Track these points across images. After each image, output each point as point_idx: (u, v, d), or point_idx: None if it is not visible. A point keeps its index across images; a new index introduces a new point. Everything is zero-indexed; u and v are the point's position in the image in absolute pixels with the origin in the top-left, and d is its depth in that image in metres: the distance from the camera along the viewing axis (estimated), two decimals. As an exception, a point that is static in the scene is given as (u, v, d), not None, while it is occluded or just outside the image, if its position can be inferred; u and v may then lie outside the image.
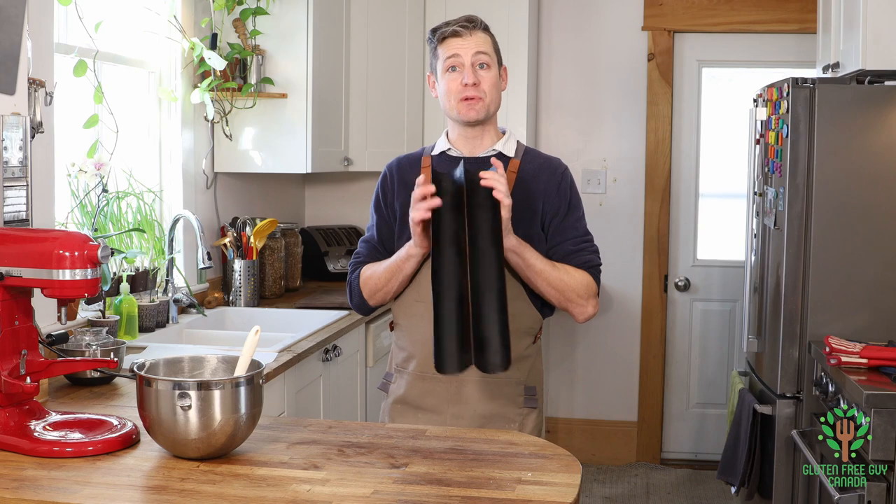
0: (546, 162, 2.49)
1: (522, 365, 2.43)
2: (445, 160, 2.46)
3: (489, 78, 2.41)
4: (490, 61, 2.43)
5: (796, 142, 3.43)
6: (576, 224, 2.44)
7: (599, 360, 5.18)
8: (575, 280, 2.37)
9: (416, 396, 2.46)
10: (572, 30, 5.09)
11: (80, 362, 2.45)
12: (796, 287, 3.47)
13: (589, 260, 2.42)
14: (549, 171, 2.45)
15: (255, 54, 3.96)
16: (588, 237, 2.47)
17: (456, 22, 2.45)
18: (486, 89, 2.40)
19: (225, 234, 4.04)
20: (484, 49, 2.43)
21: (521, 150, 2.49)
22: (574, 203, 2.46)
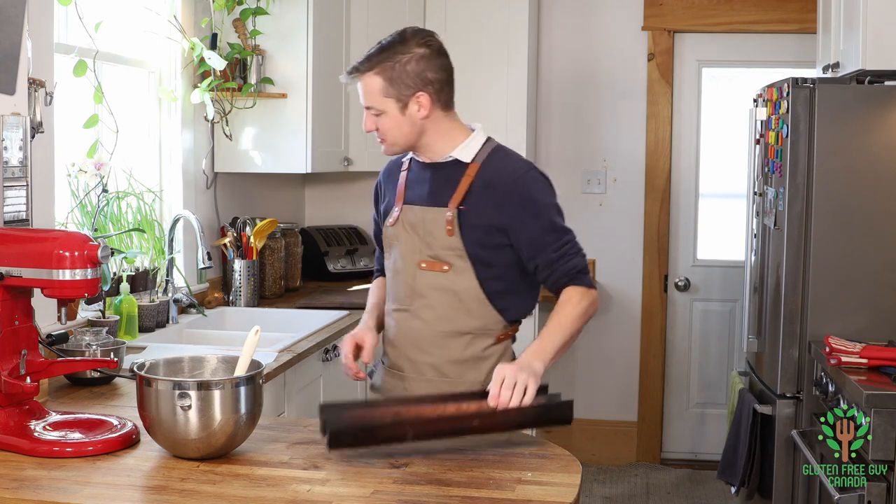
0: (503, 168, 2.40)
1: (481, 366, 2.42)
2: (417, 164, 2.49)
3: (385, 124, 2.37)
4: (380, 108, 2.36)
5: (796, 142, 3.43)
6: (549, 229, 2.39)
7: (599, 360, 5.18)
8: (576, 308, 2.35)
9: (387, 389, 2.52)
10: (572, 30, 5.09)
11: (80, 362, 2.45)
12: (796, 287, 3.47)
13: (573, 266, 2.38)
14: (506, 180, 2.38)
15: (255, 54, 3.96)
16: (566, 237, 2.41)
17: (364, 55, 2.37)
18: (383, 134, 2.39)
19: (225, 234, 4.04)
20: (368, 103, 2.37)
21: (486, 152, 2.43)
22: (539, 208, 2.39)
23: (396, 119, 2.36)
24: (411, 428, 1.97)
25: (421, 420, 1.99)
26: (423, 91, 2.34)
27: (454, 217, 2.35)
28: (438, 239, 2.37)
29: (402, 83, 2.33)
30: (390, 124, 2.37)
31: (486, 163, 2.41)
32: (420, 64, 2.33)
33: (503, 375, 2.13)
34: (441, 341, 2.40)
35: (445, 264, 2.38)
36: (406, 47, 2.33)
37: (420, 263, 2.40)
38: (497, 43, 4.78)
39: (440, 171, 2.42)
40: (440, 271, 2.38)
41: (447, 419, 1.99)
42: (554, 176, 5.40)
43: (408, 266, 2.42)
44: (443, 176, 2.41)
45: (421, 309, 2.41)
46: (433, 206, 2.39)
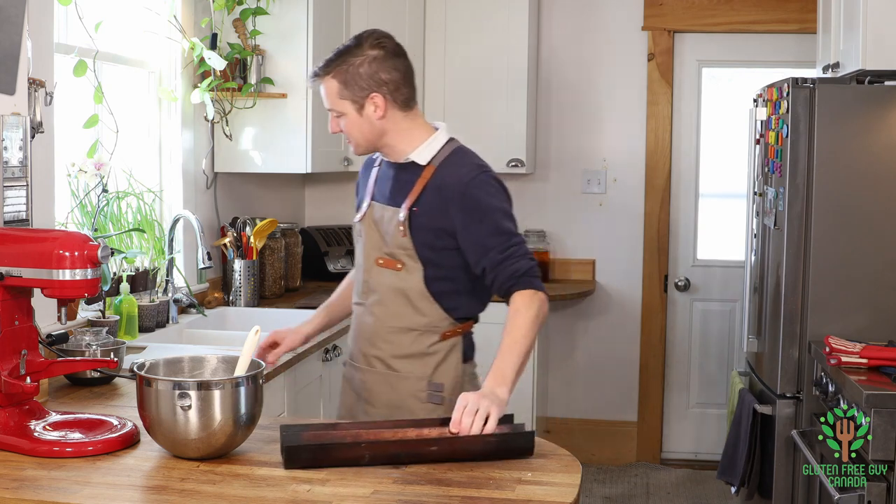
0: (455, 172, 2.42)
1: (428, 360, 2.47)
2: (385, 163, 2.56)
3: (348, 126, 2.45)
4: (340, 111, 2.43)
5: (796, 142, 3.43)
6: (494, 232, 2.40)
7: (599, 360, 5.18)
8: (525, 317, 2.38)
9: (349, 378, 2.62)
10: (572, 30, 5.09)
11: (80, 362, 2.45)
12: (796, 287, 3.46)
13: (517, 269, 2.39)
14: (454, 184, 2.41)
15: (255, 54, 3.96)
16: (512, 240, 2.42)
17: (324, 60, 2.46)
18: (347, 135, 2.48)
19: (225, 234, 4.04)
20: (329, 104, 2.45)
21: (443, 155, 2.45)
22: (485, 212, 2.40)
23: (356, 120, 2.44)
24: (368, 450, 1.97)
25: (379, 443, 1.99)
26: (377, 92, 2.41)
27: (405, 218, 2.42)
28: (393, 238, 2.44)
29: (356, 85, 2.40)
30: (350, 126, 2.45)
31: (441, 165, 2.45)
32: (373, 66, 2.40)
33: (466, 402, 2.14)
34: (389, 336, 2.47)
35: (399, 262, 2.44)
36: (360, 50, 2.41)
37: (378, 260, 2.47)
38: (497, 43, 4.78)
39: (401, 172, 2.49)
40: (394, 269, 2.45)
41: (406, 444, 2.00)
42: (554, 176, 5.43)
43: (367, 262, 2.51)
44: (403, 176, 2.48)
45: (373, 305, 2.49)
46: (391, 206, 2.47)
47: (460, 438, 2.03)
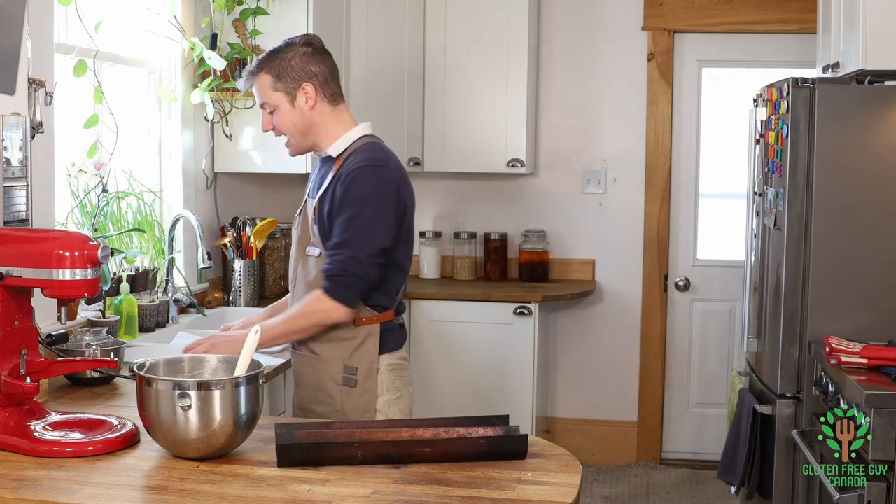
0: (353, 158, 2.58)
1: (345, 346, 2.61)
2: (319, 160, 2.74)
3: (280, 120, 2.61)
4: (274, 104, 2.60)
5: (796, 142, 3.43)
6: (338, 227, 2.55)
7: (599, 360, 5.18)
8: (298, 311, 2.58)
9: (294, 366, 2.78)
10: (572, 30, 5.09)
11: (80, 362, 2.45)
12: (796, 287, 3.46)
13: (324, 271, 2.54)
14: (346, 170, 2.56)
15: (256, 54, 3.95)
16: (343, 245, 2.52)
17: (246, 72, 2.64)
18: (284, 130, 2.63)
19: (225, 234, 4.04)
20: (264, 99, 2.60)
21: (353, 147, 2.61)
22: (346, 203, 2.52)
23: (288, 112, 2.59)
24: (361, 450, 1.97)
25: (372, 442, 2.00)
26: (308, 82, 2.59)
27: (315, 207, 2.61)
28: (311, 228, 2.63)
29: (289, 76, 2.58)
30: (283, 118, 2.59)
31: (347, 158, 2.59)
32: (303, 59, 2.59)
33: (206, 341, 2.54)
34: None
35: (318, 249, 2.61)
36: (290, 48, 2.60)
37: (306, 249, 2.64)
38: (497, 43, 4.78)
39: (322, 166, 2.69)
40: (314, 256, 2.61)
41: (398, 444, 2.00)
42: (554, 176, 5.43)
43: (296, 252, 2.69)
44: (322, 171, 2.67)
45: (296, 291, 2.68)
46: (310, 198, 2.67)
47: (453, 440, 2.04)
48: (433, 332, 4.62)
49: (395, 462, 1.97)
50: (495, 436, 2.07)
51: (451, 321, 4.64)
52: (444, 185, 5.16)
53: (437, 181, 5.11)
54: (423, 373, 4.53)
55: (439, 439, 2.04)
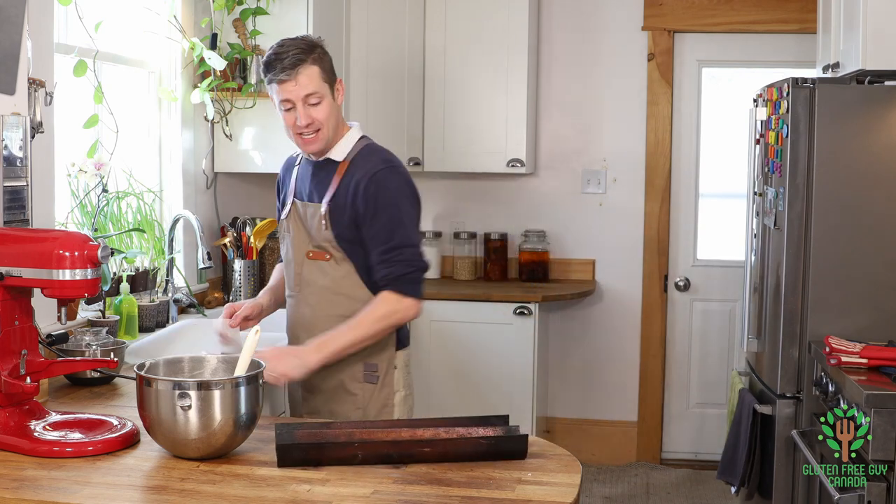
0: (365, 162, 2.59)
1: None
2: (304, 161, 2.72)
3: (321, 112, 2.57)
4: (320, 96, 2.56)
5: (796, 142, 3.43)
6: (382, 230, 2.54)
7: (599, 360, 5.18)
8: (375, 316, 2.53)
9: None
10: (572, 30, 5.09)
11: (80, 362, 2.46)
12: (796, 287, 3.46)
13: (387, 274, 2.53)
14: (362, 175, 2.56)
15: (255, 54, 3.96)
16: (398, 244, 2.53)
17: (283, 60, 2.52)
18: (321, 122, 2.57)
19: (225, 234, 4.04)
20: (311, 89, 2.54)
21: (356, 150, 2.62)
22: (381, 208, 2.54)
23: (330, 105, 2.58)
24: (360, 449, 1.98)
25: (372, 442, 2.00)
26: (339, 78, 2.64)
27: (326, 212, 2.58)
28: (318, 232, 2.61)
29: (330, 70, 2.60)
30: (326, 112, 2.57)
31: (353, 161, 2.60)
32: (329, 57, 2.62)
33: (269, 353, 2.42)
34: (325, 325, 2.58)
35: (327, 254, 2.61)
36: (317, 44, 2.60)
37: (308, 253, 2.64)
38: (497, 43, 4.78)
39: (318, 169, 2.66)
40: (323, 260, 2.61)
41: (398, 444, 2.00)
42: (554, 176, 5.42)
43: (297, 256, 2.67)
44: (320, 174, 2.64)
45: (308, 296, 2.65)
46: (311, 202, 2.64)
47: (453, 440, 2.04)
48: (433, 332, 4.62)
49: (395, 462, 1.97)
50: (495, 436, 2.07)
51: (451, 321, 4.64)
52: (444, 185, 5.16)
53: (437, 181, 5.11)
54: (423, 373, 4.52)
55: (439, 439, 2.04)
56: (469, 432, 2.08)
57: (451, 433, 2.07)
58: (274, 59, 2.54)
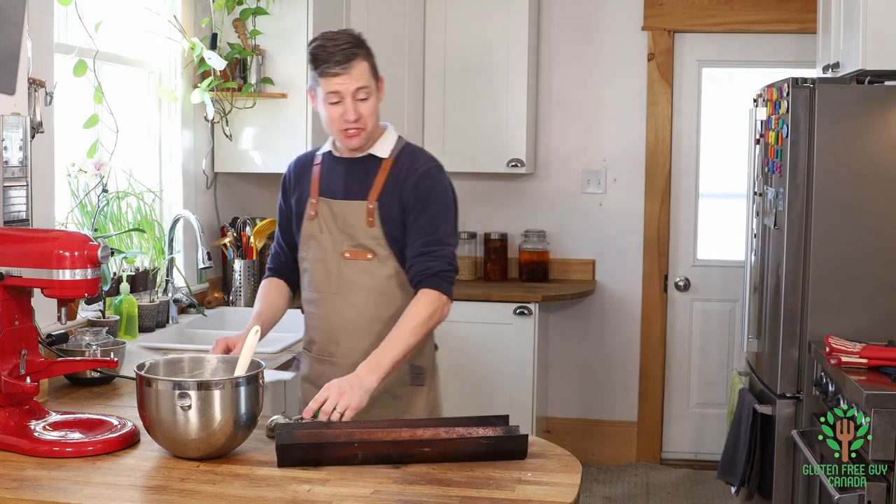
0: (412, 162, 2.57)
1: None
2: (331, 159, 2.64)
3: (368, 108, 2.52)
4: (369, 91, 2.51)
5: (796, 142, 3.43)
6: (428, 224, 2.51)
7: (599, 360, 5.18)
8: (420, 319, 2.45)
9: (316, 376, 2.61)
10: (572, 30, 5.09)
11: (80, 362, 2.46)
12: (796, 287, 3.46)
13: (429, 268, 2.48)
14: (410, 171, 2.55)
15: (255, 54, 3.96)
16: (441, 239, 2.51)
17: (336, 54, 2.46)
18: (366, 119, 2.52)
19: (225, 234, 4.04)
20: (362, 84, 2.49)
21: (398, 148, 2.59)
22: (430, 201, 2.53)
23: (375, 101, 2.54)
24: (360, 449, 1.97)
25: (372, 442, 1.99)
26: (382, 76, 2.58)
27: (374, 209, 2.52)
28: (360, 230, 2.53)
29: (376, 67, 2.55)
30: (372, 108, 2.53)
31: (398, 158, 2.57)
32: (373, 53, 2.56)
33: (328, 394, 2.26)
34: (370, 326, 2.54)
35: (369, 252, 2.53)
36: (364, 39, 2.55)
37: (344, 253, 2.55)
38: (497, 43, 4.78)
39: (356, 166, 2.58)
40: (364, 259, 2.54)
41: (398, 444, 2.00)
42: (554, 176, 5.42)
43: (332, 255, 2.57)
44: (358, 170, 2.58)
45: (350, 295, 2.56)
46: (352, 200, 2.55)
47: (453, 440, 2.04)
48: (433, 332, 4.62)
49: (395, 462, 1.97)
50: (495, 436, 2.07)
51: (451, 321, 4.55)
52: (444, 185, 5.15)
53: (437, 181, 5.10)
54: (423, 373, 4.52)
55: (439, 439, 2.04)
56: (469, 432, 2.08)
57: (451, 433, 2.07)
58: (324, 52, 2.47)
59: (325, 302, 2.60)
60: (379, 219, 2.52)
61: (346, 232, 2.54)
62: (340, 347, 2.58)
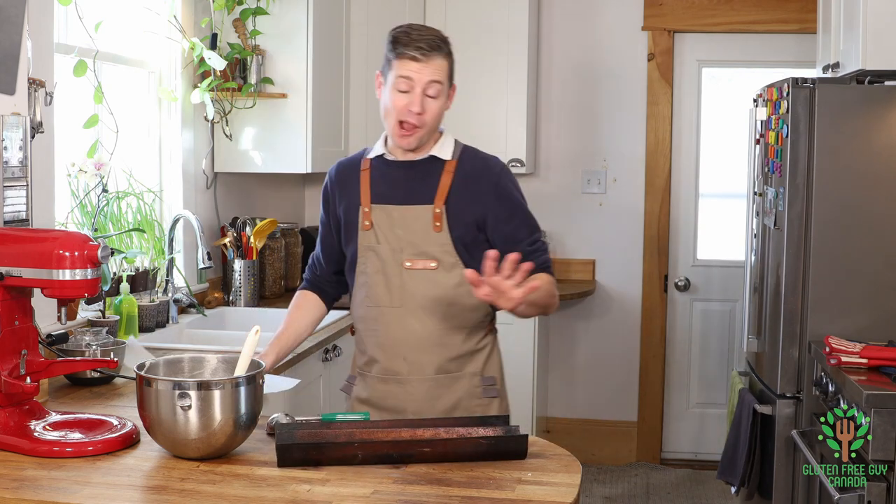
0: (483, 162, 2.48)
1: (477, 357, 2.49)
2: (383, 163, 2.49)
3: (435, 108, 2.39)
4: (440, 90, 2.38)
5: (796, 142, 3.43)
6: (523, 225, 2.47)
7: (599, 360, 5.18)
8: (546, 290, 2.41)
9: (379, 398, 2.49)
10: (572, 30, 5.09)
11: (80, 362, 2.45)
12: (796, 287, 3.46)
13: (545, 261, 2.46)
14: (486, 173, 2.45)
15: (255, 54, 3.96)
16: (537, 234, 2.50)
17: (419, 41, 2.35)
18: (427, 119, 2.39)
19: (225, 234, 4.04)
20: (438, 78, 2.37)
21: (459, 150, 2.48)
22: (516, 203, 2.48)
23: (442, 104, 2.41)
24: (360, 450, 1.97)
25: (372, 442, 1.99)
26: (454, 85, 2.45)
27: (442, 213, 2.39)
28: (424, 236, 2.40)
29: (453, 73, 2.43)
30: (438, 110, 2.40)
31: (461, 160, 2.46)
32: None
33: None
34: (440, 338, 2.43)
35: (433, 261, 2.40)
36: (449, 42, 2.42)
37: (404, 262, 2.41)
38: (497, 43, 4.78)
39: (416, 170, 2.45)
40: (428, 269, 2.40)
41: (398, 444, 2.00)
42: (554, 176, 5.43)
43: (392, 266, 2.42)
44: (419, 174, 2.45)
45: (416, 309, 2.42)
46: (414, 205, 2.42)
47: (453, 440, 2.04)
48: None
49: (395, 462, 1.97)
50: (495, 436, 2.07)
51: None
52: (444, 185, 5.15)
53: (437, 181, 5.11)
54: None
55: (439, 439, 2.04)
56: (469, 432, 2.08)
57: (451, 433, 2.07)
58: (408, 36, 2.35)
59: (386, 317, 2.44)
60: (447, 223, 2.40)
61: (407, 239, 2.40)
62: (408, 364, 2.44)
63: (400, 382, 2.46)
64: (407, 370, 2.45)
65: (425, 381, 2.45)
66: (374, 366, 2.50)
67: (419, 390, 2.45)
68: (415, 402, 2.45)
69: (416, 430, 2.09)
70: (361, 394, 2.54)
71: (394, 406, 2.47)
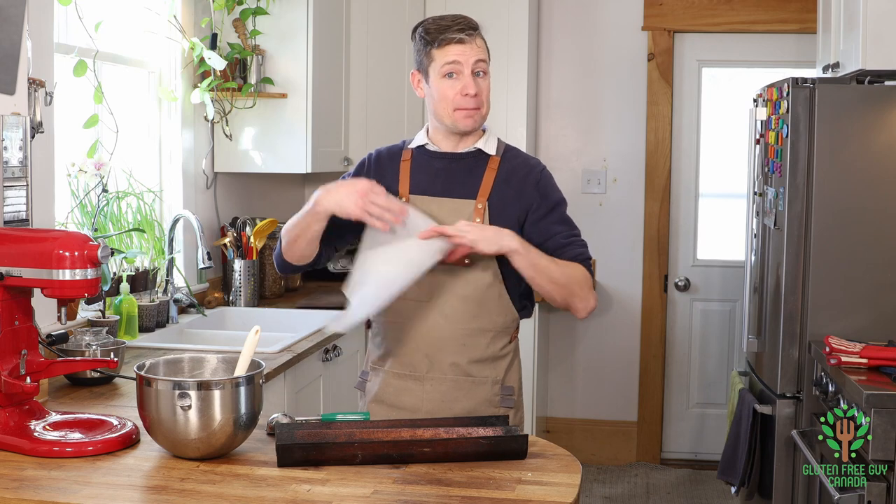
0: (524, 161, 2.45)
1: (499, 364, 2.43)
2: (424, 154, 2.46)
3: (485, 86, 2.39)
4: (487, 68, 2.39)
5: (796, 142, 3.43)
6: (561, 221, 2.42)
7: (599, 360, 5.18)
8: (577, 272, 2.35)
9: (392, 395, 2.45)
10: (572, 30, 5.09)
11: (80, 362, 2.45)
12: (796, 287, 3.47)
13: (580, 253, 2.38)
14: (527, 171, 2.42)
15: (255, 54, 3.96)
16: (576, 231, 2.44)
17: (455, 25, 2.34)
18: (483, 99, 2.38)
19: (225, 234, 4.04)
20: (483, 56, 2.38)
21: (502, 148, 2.46)
22: (556, 200, 2.43)
23: (490, 82, 2.42)
24: (361, 450, 1.97)
25: (372, 443, 1.99)
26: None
27: (484, 209, 2.35)
28: None
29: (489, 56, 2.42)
30: (488, 87, 2.41)
31: (504, 157, 2.43)
32: None
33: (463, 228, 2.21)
34: (465, 339, 2.38)
35: (466, 257, 2.31)
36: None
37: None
38: (497, 43, 4.77)
39: (459, 163, 2.41)
40: (462, 265, 2.33)
41: (398, 444, 1.99)
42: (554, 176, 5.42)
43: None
44: (463, 167, 2.40)
45: (443, 305, 2.36)
46: (454, 198, 2.37)
47: (453, 440, 2.03)
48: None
49: (395, 462, 1.97)
50: (495, 436, 2.07)
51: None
52: (444, 185, 5.15)
53: (437, 181, 5.11)
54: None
55: (439, 439, 2.04)
56: (469, 432, 2.08)
57: (451, 433, 2.07)
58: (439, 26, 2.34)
59: (412, 311, 2.37)
60: (488, 220, 2.34)
61: None
62: (428, 361, 2.38)
63: (417, 379, 2.41)
64: (426, 367, 2.40)
65: (444, 382, 2.40)
66: (388, 360, 2.45)
67: (437, 390, 2.40)
68: (431, 402, 2.40)
69: (416, 431, 2.09)
70: (374, 390, 2.48)
71: (408, 405, 2.42)
